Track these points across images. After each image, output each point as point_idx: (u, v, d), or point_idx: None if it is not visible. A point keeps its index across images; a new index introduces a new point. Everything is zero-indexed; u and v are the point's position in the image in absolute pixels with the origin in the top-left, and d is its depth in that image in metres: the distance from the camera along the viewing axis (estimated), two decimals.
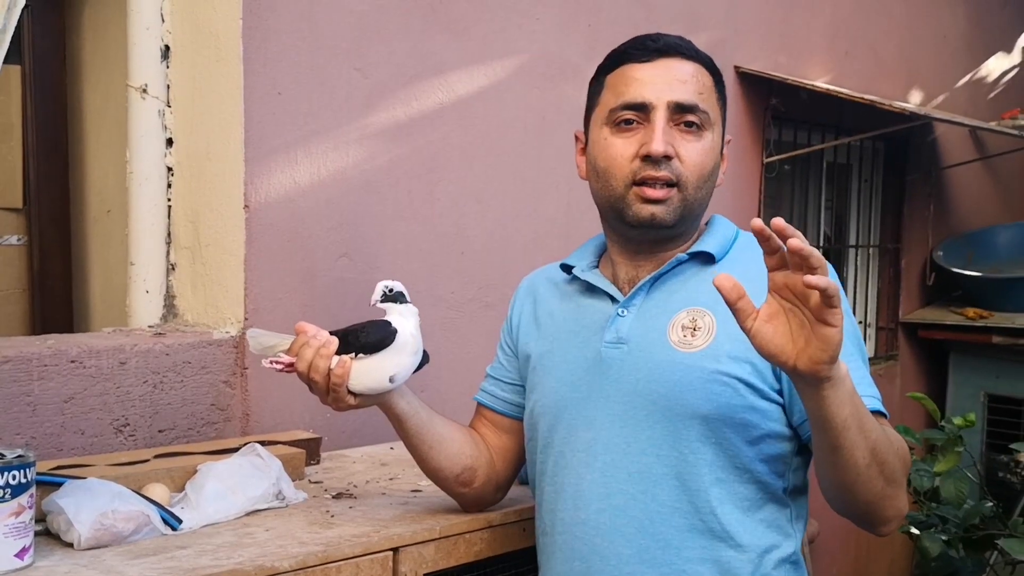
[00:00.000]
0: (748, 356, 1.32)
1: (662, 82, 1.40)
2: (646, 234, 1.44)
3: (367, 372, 1.41)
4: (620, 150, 1.41)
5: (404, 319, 1.45)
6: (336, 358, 1.40)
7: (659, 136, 1.38)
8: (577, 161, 1.53)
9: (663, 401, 1.36)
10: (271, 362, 1.44)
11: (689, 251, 1.44)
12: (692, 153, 1.40)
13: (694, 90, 1.40)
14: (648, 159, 1.38)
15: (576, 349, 1.47)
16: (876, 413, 1.31)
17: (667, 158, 1.38)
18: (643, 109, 1.40)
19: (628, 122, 1.41)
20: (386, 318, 1.45)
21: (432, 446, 1.53)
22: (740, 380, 1.34)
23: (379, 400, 1.47)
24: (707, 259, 1.44)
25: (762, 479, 1.36)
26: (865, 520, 1.31)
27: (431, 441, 1.53)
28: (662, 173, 1.38)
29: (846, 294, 4.45)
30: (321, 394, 1.43)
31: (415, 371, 1.47)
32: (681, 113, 1.39)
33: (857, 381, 1.24)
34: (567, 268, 1.56)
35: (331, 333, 1.43)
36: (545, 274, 1.63)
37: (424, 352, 1.48)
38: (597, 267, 1.54)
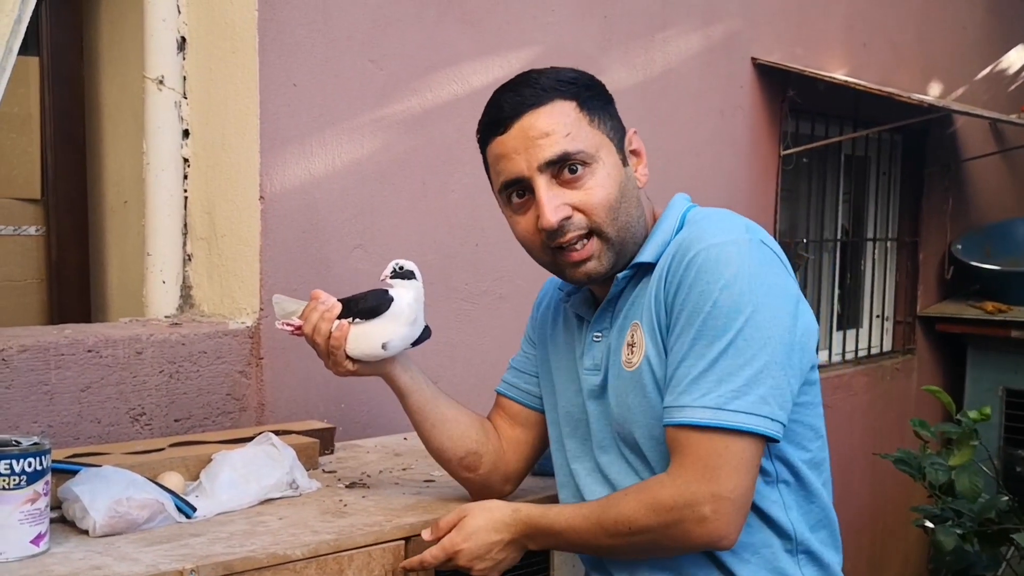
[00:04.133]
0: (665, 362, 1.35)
1: (524, 149, 1.36)
2: (593, 283, 1.45)
3: (362, 337, 1.47)
4: (525, 228, 1.41)
5: (405, 291, 1.50)
6: (337, 322, 1.46)
7: (544, 210, 1.35)
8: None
9: (628, 425, 1.40)
10: (283, 324, 1.52)
11: (630, 265, 1.43)
12: (589, 197, 1.36)
13: (559, 136, 1.36)
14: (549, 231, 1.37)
15: (570, 372, 1.53)
16: (680, 428, 1.29)
17: (566, 219, 1.36)
18: (522, 183, 1.38)
19: (520, 195, 1.40)
20: (390, 289, 1.50)
21: (435, 424, 1.56)
22: (661, 388, 1.36)
23: (379, 370, 1.52)
24: (648, 267, 1.42)
25: None
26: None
27: (433, 419, 1.56)
28: (569, 236, 1.37)
29: (863, 287, 4.42)
30: (323, 357, 1.50)
31: (414, 344, 1.52)
32: (558, 166, 1.36)
33: (674, 376, 1.31)
34: (562, 289, 1.59)
35: (339, 300, 1.50)
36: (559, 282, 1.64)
37: (426, 327, 1.52)
38: (586, 288, 1.53)
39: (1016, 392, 4.24)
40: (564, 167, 1.36)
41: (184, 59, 2.09)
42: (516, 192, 1.40)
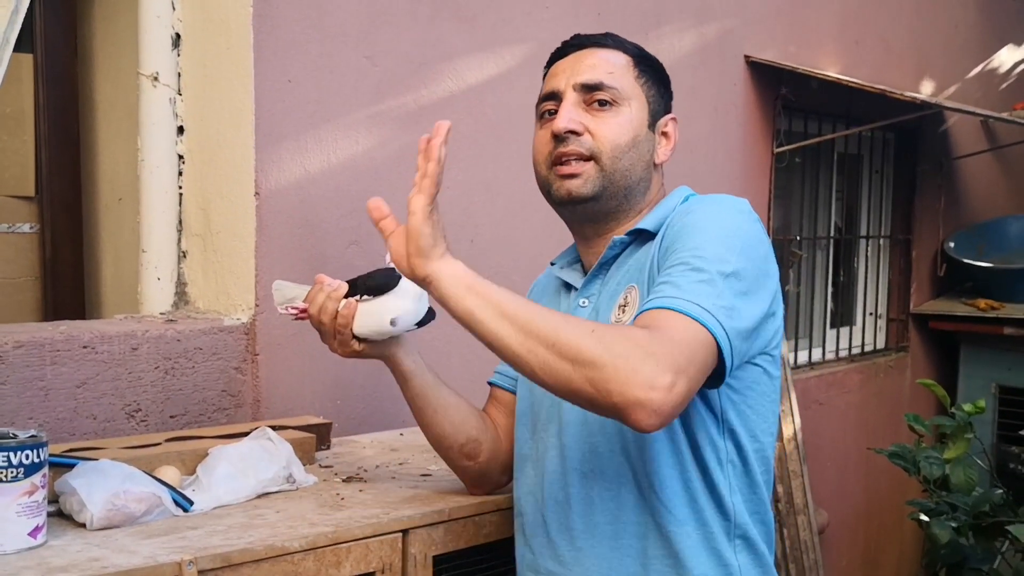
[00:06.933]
0: None
1: (571, 70, 1.49)
2: (574, 212, 1.50)
3: (370, 314, 1.48)
4: (541, 137, 1.51)
5: None
6: (344, 301, 1.48)
7: (562, 114, 1.46)
8: None
9: None
10: (287, 308, 1.53)
11: (628, 231, 1.48)
12: (603, 127, 1.45)
13: (602, 70, 1.47)
14: (557, 138, 1.45)
15: None
16: (663, 309, 1.23)
17: (574, 133, 1.44)
18: (556, 97, 1.49)
19: (551, 112, 1.50)
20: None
21: (436, 410, 1.56)
22: None
23: (383, 352, 1.53)
24: (648, 236, 1.46)
25: (687, 448, 1.37)
26: (599, 409, 1.20)
27: (436, 404, 1.56)
28: (570, 148, 1.45)
29: (856, 284, 4.44)
30: (328, 337, 1.50)
31: (419, 325, 1.53)
32: (590, 92, 1.46)
33: (665, 280, 1.27)
34: (552, 264, 1.63)
35: (345, 281, 1.51)
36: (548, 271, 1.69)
37: (430, 309, 1.53)
38: (579, 261, 1.58)
39: (1009, 389, 4.26)
40: (595, 97, 1.46)
41: (179, 55, 2.09)
42: (547, 108, 1.50)
